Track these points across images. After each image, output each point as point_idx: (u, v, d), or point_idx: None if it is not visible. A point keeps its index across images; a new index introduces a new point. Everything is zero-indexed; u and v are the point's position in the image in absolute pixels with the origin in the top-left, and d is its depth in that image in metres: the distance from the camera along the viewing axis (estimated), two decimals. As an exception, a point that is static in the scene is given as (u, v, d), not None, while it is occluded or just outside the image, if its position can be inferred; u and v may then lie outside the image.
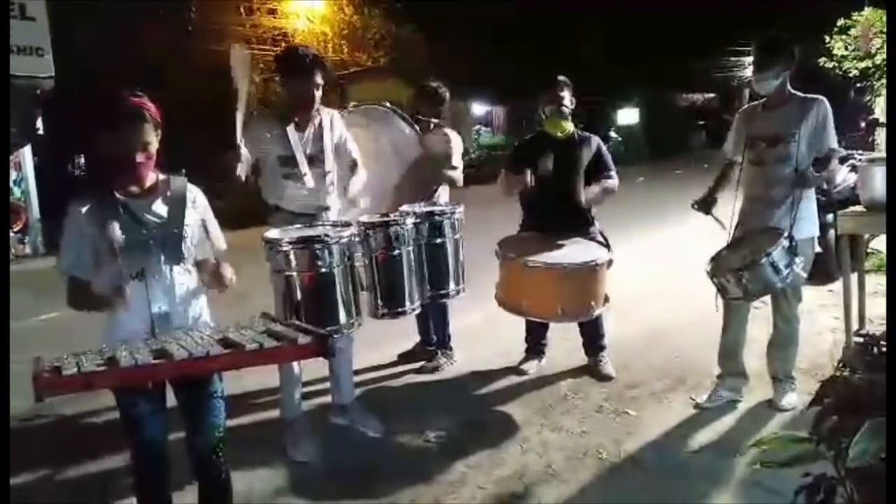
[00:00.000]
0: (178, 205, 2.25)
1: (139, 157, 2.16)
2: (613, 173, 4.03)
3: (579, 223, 3.92)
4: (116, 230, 2.10)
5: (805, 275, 3.33)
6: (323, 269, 2.85)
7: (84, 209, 2.16)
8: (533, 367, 4.23)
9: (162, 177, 2.29)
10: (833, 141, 3.39)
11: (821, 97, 3.40)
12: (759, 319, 3.73)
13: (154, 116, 2.19)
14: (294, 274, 2.87)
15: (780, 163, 3.38)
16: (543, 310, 3.58)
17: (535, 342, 4.29)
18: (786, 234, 3.17)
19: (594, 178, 4.00)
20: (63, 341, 2.15)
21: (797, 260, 3.15)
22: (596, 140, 4.06)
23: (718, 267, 3.30)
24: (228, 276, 2.28)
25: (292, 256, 2.86)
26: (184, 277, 2.26)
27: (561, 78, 4.01)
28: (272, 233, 2.99)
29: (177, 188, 2.27)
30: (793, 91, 3.42)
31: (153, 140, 2.19)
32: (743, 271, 3.11)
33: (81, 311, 2.22)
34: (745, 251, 3.30)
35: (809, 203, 3.44)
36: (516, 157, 4.25)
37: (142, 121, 2.15)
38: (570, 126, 3.98)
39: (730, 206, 3.56)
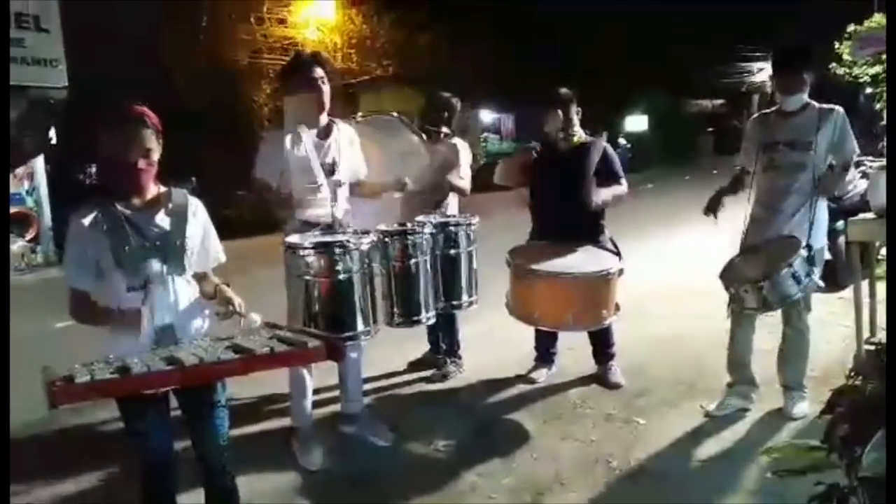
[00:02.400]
0: (179, 216, 2.27)
1: (140, 163, 2.18)
2: (622, 180, 4.02)
3: (590, 231, 3.92)
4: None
5: (822, 285, 3.31)
6: (343, 275, 2.87)
7: (86, 221, 2.19)
8: (542, 376, 4.22)
9: (163, 189, 2.31)
10: (855, 148, 3.40)
11: (838, 107, 3.40)
12: (769, 327, 3.71)
13: (155, 125, 2.21)
14: (313, 278, 2.88)
15: (796, 170, 3.36)
16: (554, 319, 3.57)
17: (545, 350, 4.28)
18: (804, 243, 3.14)
19: (603, 183, 4.00)
20: (76, 350, 2.16)
21: (815, 269, 3.13)
22: (603, 144, 4.05)
23: (734, 276, 3.26)
24: (239, 307, 2.29)
25: (313, 260, 2.87)
26: (186, 289, 2.28)
27: (564, 97, 3.94)
28: (293, 237, 3.01)
29: (178, 200, 2.30)
30: (808, 100, 3.42)
31: (154, 147, 2.21)
32: (762, 283, 3.07)
33: (84, 324, 2.24)
34: (761, 261, 3.26)
35: (822, 212, 3.43)
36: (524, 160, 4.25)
37: (143, 126, 2.18)
38: (578, 137, 3.98)
39: (742, 212, 3.55)
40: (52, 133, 11.43)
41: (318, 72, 3.22)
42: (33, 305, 6.27)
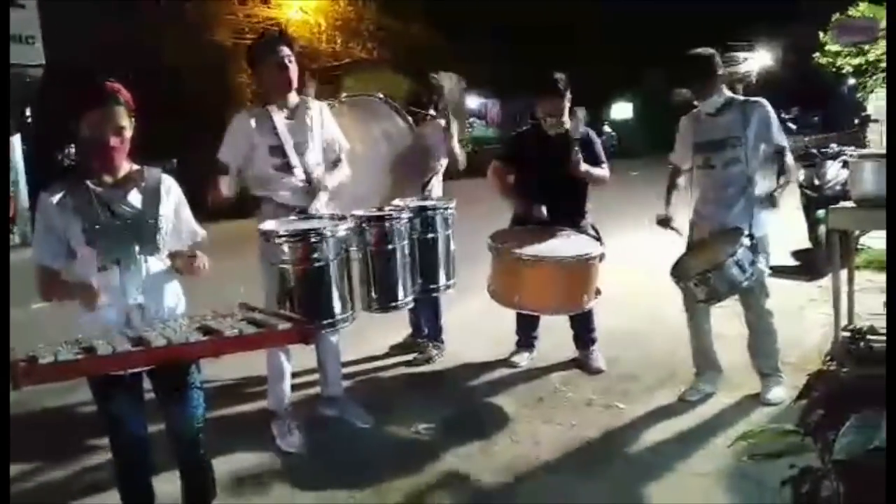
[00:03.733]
0: (152, 195, 2.24)
1: (112, 141, 2.14)
2: (604, 165, 4.03)
3: (571, 216, 3.92)
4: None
5: (769, 271, 3.39)
6: (319, 262, 2.83)
7: (55, 199, 2.15)
8: (524, 360, 4.23)
9: (136, 167, 2.27)
10: (782, 139, 3.48)
11: (762, 100, 3.51)
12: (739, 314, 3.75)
13: (128, 102, 2.17)
14: (289, 266, 2.84)
15: (730, 166, 3.45)
16: (536, 303, 3.57)
17: (526, 335, 4.29)
18: (746, 232, 3.23)
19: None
20: (51, 331, 2.13)
21: (760, 257, 3.24)
22: (588, 132, 4.06)
23: (683, 272, 3.34)
24: (201, 264, 2.26)
25: (289, 248, 2.82)
26: (159, 268, 2.25)
27: (560, 83, 3.90)
28: (268, 224, 2.96)
29: (151, 178, 2.26)
30: (732, 95, 3.52)
31: (127, 125, 2.17)
32: (709, 273, 3.15)
33: (51, 301, 2.21)
34: (707, 254, 3.34)
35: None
36: (508, 149, 4.25)
37: (115, 103, 2.14)
38: (567, 124, 3.96)
39: (687, 210, 3.61)
40: (28, 111, 11.22)
41: (285, 50, 3.15)
42: (10, 286, 6.18)
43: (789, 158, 3.46)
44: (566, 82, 3.94)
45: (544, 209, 3.86)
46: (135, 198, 2.21)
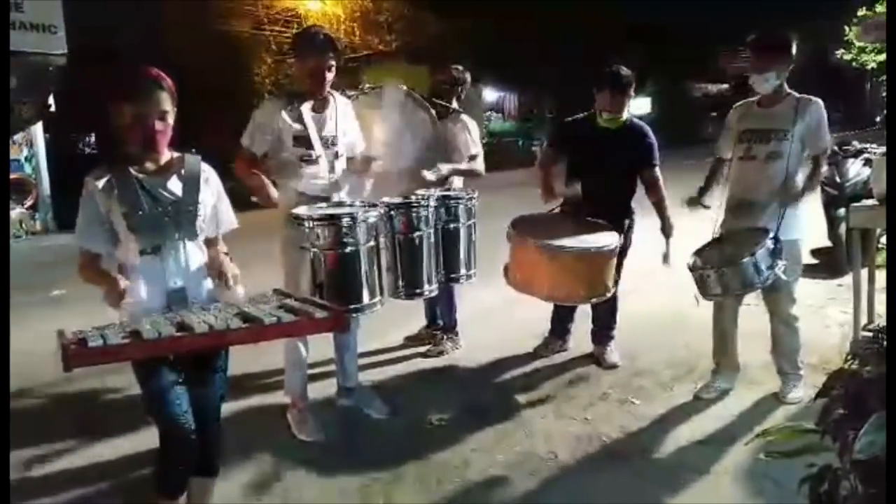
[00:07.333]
0: (192, 182, 2.28)
1: (157, 125, 2.18)
2: (657, 169, 3.93)
3: (614, 211, 3.83)
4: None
5: (787, 278, 3.21)
6: (350, 247, 2.87)
7: (100, 184, 2.19)
8: (551, 350, 4.23)
9: (176, 155, 2.31)
10: (827, 142, 3.39)
11: (816, 98, 3.37)
12: (763, 312, 3.71)
13: (171, 88, 2.21)
14: (320, 251, 2.87)
15: (771, 159, 3.35)
16: (533, 288, 3.53)
17: (561, 325, 4.27)
18: (771, 234, 3.16)
19: (638, 168, 3.93)
20: (72, 318, 2.16)
21: (779, 262, 3.12)
22: (646, 130, 3.96)
23: (702, 262, 3.29)
24: (229, 275, 2.29)
25: (321, 233, 2.86)
26: (197, 253, 2.30)
27: (625, 79, 3.80)
28: (300, 209, 3.00)
29: (191, 166, 2.31)
30: (789, 90, 3.39)
31: (170, 110, 2.21)
32: (725, 268, 3.12)
33: (90, 284, 2.24)
34: (729, 249, 3.30)
35: (801, 205, 3.38)
36: (560, 137, 4.19)
37: (159, 89, 2.18)
38: (625, 118, 3.90)
39: (718, 201, 3.55)
40: (51, 100, 11.34)
41: (329, 60, 3.18)
42: (30, 273, 6.28)
43: (824, 164, 3.38)
44: (631, 78, 3.85)
45: (578, 187, 3.80)
46: (175, 185, 2.26)
